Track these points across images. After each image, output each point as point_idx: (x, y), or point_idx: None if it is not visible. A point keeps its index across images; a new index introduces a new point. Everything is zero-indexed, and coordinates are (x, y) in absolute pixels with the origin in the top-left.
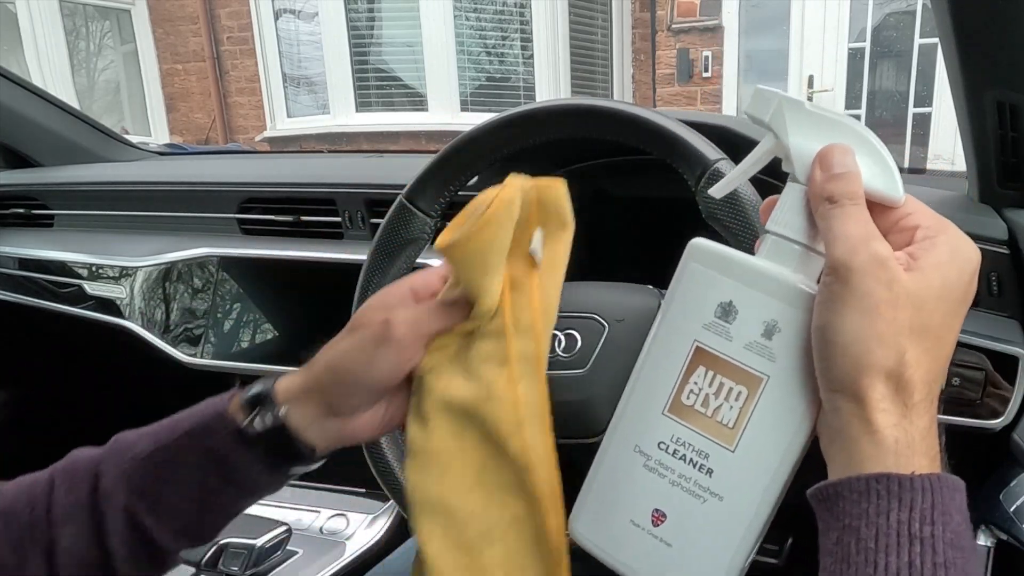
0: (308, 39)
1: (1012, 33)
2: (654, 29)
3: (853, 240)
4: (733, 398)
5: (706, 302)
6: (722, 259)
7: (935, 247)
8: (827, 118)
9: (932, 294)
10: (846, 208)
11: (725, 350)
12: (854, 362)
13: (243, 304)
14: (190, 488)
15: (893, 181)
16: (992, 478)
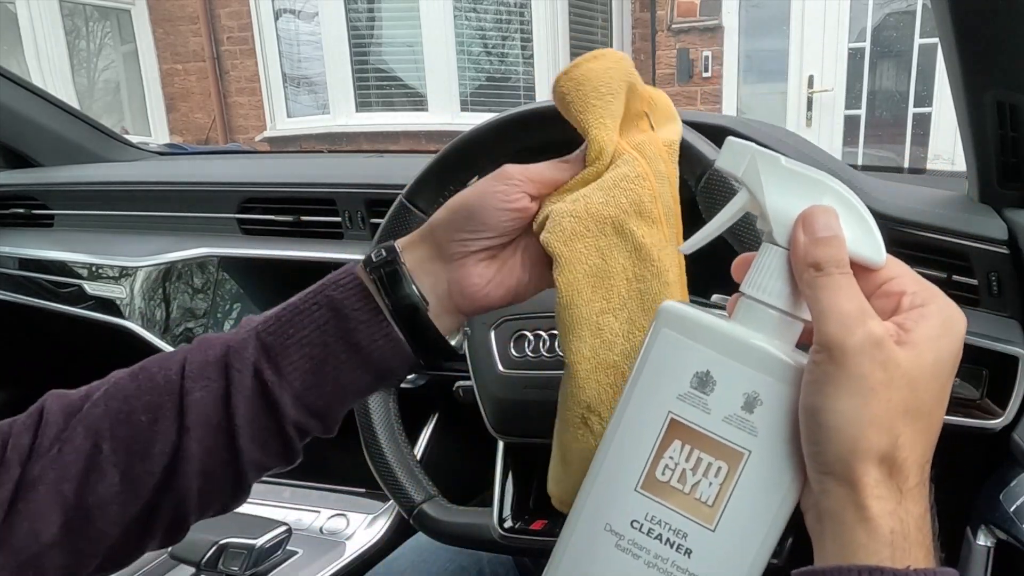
0: (308, 39)
1: (1012, 33)
2: (654, 29)
3: (846, 318)
4: (712, 474)
5: (681, 371)
6: (697, 325)
7: (926, 319)
8: (806, 176)
9: (926, 372)
10: (834, 278)
11: (703, 423)
12: (847, 446)
13: (243, 304)
14: (311, 344)
15: (876, 244)
16: (992, 478)
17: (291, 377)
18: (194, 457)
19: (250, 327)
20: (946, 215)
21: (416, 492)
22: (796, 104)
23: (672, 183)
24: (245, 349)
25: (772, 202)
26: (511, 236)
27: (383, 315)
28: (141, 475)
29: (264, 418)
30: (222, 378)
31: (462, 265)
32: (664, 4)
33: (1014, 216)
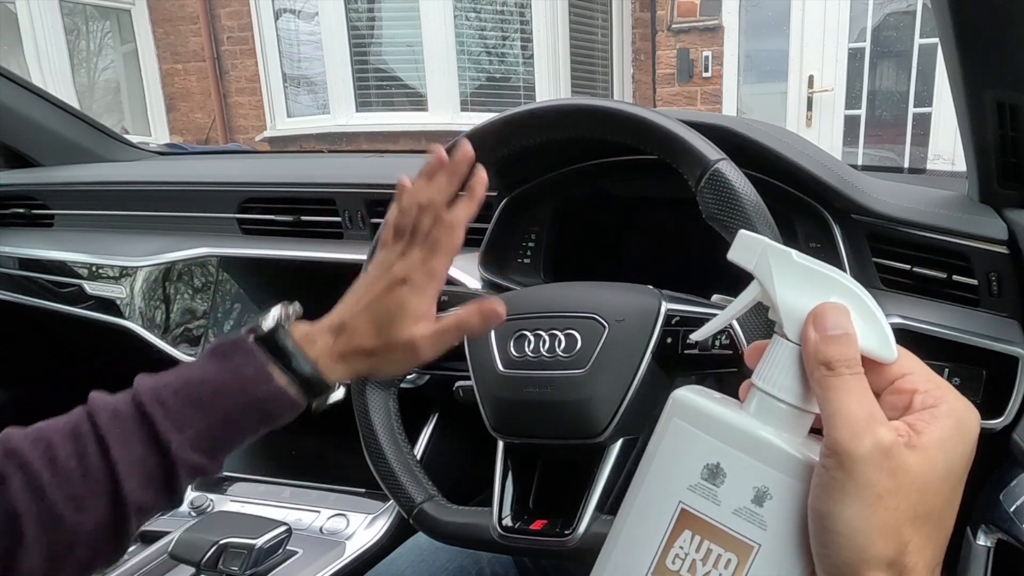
0: (308, 39)
1: (1012, 33)
2: (654, 29)
3: (855, 424)
4: (722, 565)
5: (692, 462)
6: (708, 418)
7: (937, 420)
8: (817, 272)
9: (936, 476)
10: (844, 379)
11: (713, 514)
12: (855, 554)
13: (243, 304)
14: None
15: (886, 340)
16: (992, 478)
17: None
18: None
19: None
20: (946, 215)
21: (416, 492)
22: (796, 104)
23: None
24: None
25: (783, 297)
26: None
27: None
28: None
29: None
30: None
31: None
32: (664, 4)
33: (1014, 216)
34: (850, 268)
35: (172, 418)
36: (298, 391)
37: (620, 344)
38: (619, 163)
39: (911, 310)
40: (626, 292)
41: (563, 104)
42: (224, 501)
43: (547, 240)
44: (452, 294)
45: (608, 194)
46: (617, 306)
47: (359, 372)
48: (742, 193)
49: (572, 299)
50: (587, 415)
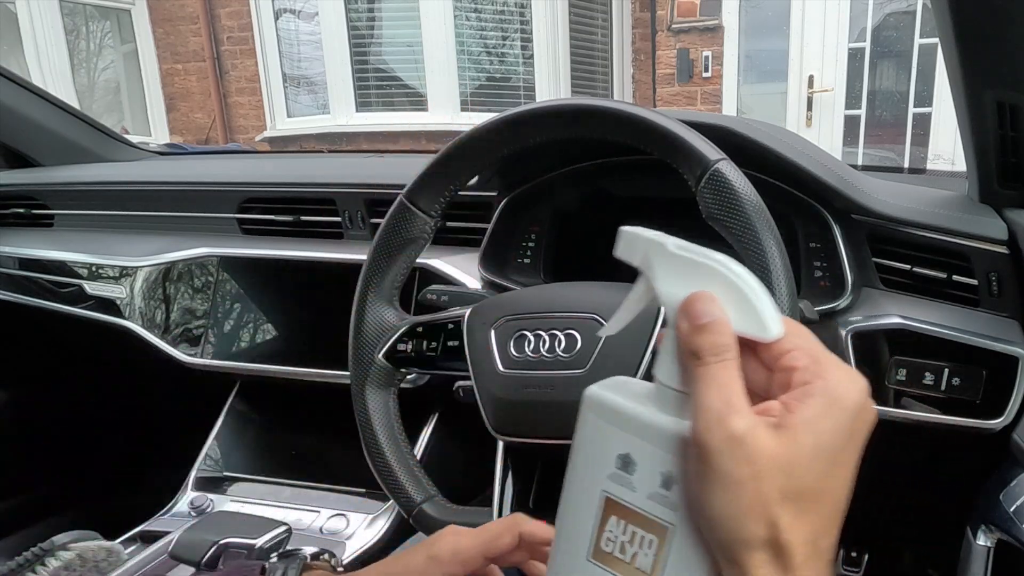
0: (308, 39)
1: (1012, 33)
2: (654, 29)
3: (710, 415)
4: (646, 546)
5: (606, 454)
6: (614, 412)
7: (807, 398)
8: (692, 260)
9: (804, 454)
10: (709, 368)
11: (631, 500)
12: (728, 536)
13: (243, 304)
14: None
15: (761, 320)
16: (992, 478)
17: None
18: None
19: None
20: (946, 215)
21: (416, 492)
22: (796, 104)
23: None
24: None
25: (664, 289)
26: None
27: None
28: None
29: None
30: None
31: None
32: (664, 4)
33: (1014, 216)
34: (850, 268)
35: None
36: None
37: (620, 344)
38: (619, 163)
39: (911, 310)
40: (626, 292)
41: (563, 104)
42: (224, 501)
43: (547, 240)
44: (452, 294)
45: (608, 194)
46: (617, 306)
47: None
48: (742, 193)
49: (572, 299)
50: None
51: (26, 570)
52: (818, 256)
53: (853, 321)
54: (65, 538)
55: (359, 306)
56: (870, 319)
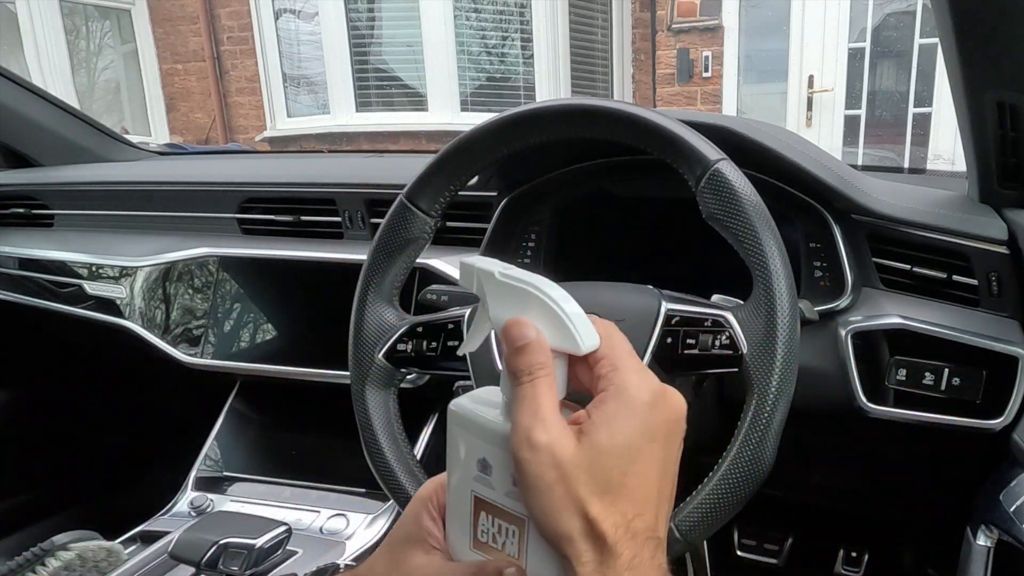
0: (308, 39)
1: (1012, 33)
2: (654, 29)
3: (518, 431)
4: (511, 535)
5: (469, 460)
6: (471, 423)
7: (602, 403)
8: (513, 286)
9: (602, 454)
10: (523, 387)
11: (493, 498)
12: (552, 530)
13: (243, 304)
14: None
15: (571, 335)
16: (992, 478)
17: None
18: None
19: None
20: (946, 215)
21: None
22: (796, 104)
23: None
24: None
25: (492, 313)
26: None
27: None
28: None
29: None
30: None
31: None
32: (664, 4)
33: (1014, 216)
34: (850, 268)
35: None
36: None
37: None
38: (619, 163)
39: (911, 310)
40: (626, 292)
41: (563, 104)
42: (224, 501)
43: (547, 240)
44: (452, 294)
45: (608, 194)
46: (617, 306)
47: None
48: (742, 193)
49: None
50: None
51: (26, 570)
52: (818, 256)
53: (853, 321)
54: (65, 538)
55: (359, 306)
56: (870, 319)
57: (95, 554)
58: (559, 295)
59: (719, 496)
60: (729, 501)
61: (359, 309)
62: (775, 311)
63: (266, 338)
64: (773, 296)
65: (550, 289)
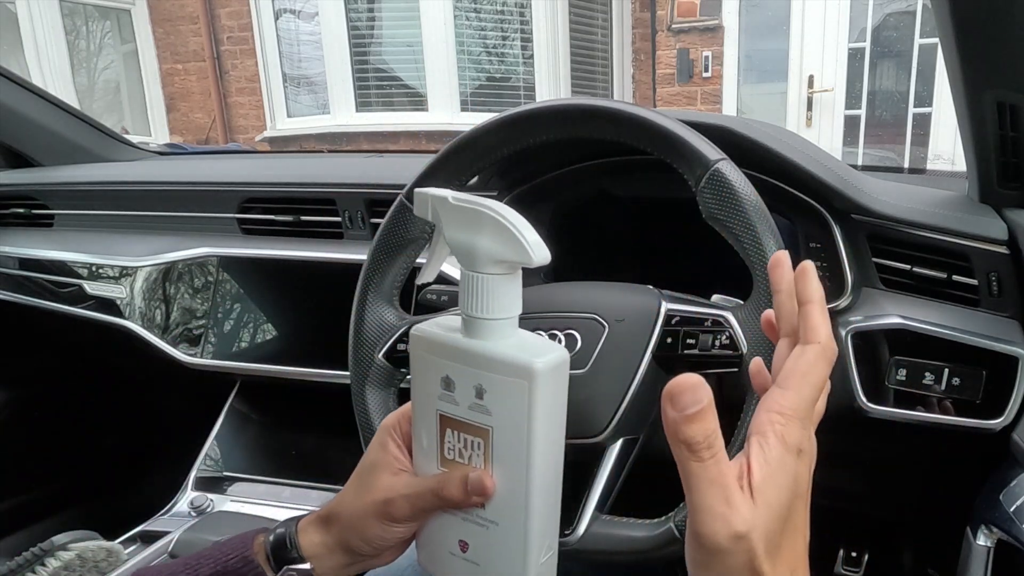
0: (308, 39)
1: (1012, 33)
2: (654, 29)
3: (715, 520)
4: (476, 448)
5: (433, 379)
6: (432, 343)
7: (767, 453)
8: (467, 208)
9: (772, 512)
10: (705, 466)
11: (457, 413)
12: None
13: (243, 304)
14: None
15: (524, 249)
16: (992, 478)
17: None
18: None
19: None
20: (946, 215)
21: None
22: (796, 104)
23: None
24: None
25: (450, 236)
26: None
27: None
28: None
29: None
30: None
31: (377, 557)
32: (664, 4)
33: (1014, 216)
34: (850, 268)
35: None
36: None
37: (620, 344)
38: (619, 163)
39: (911, 310)
40: (626, 292)
41: (563, 104)
42: (224, 501)
43: (547, 240)
44: (452, 294)
45: (608, 194)
46: (617, 306)
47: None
48: (742, 193)
49: (572, 299)
50: (587, 415)
51: (26, 570)
52: (818, 256)
53: (853, 321)
54: (65, 538)
55: (359, 306)
56: (870, 319)
57: (95, 554)
58: (510, 214)
59: None
60: None
61: (359, 309)
62: None
63: (266, 338)
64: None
65: (500, 208)
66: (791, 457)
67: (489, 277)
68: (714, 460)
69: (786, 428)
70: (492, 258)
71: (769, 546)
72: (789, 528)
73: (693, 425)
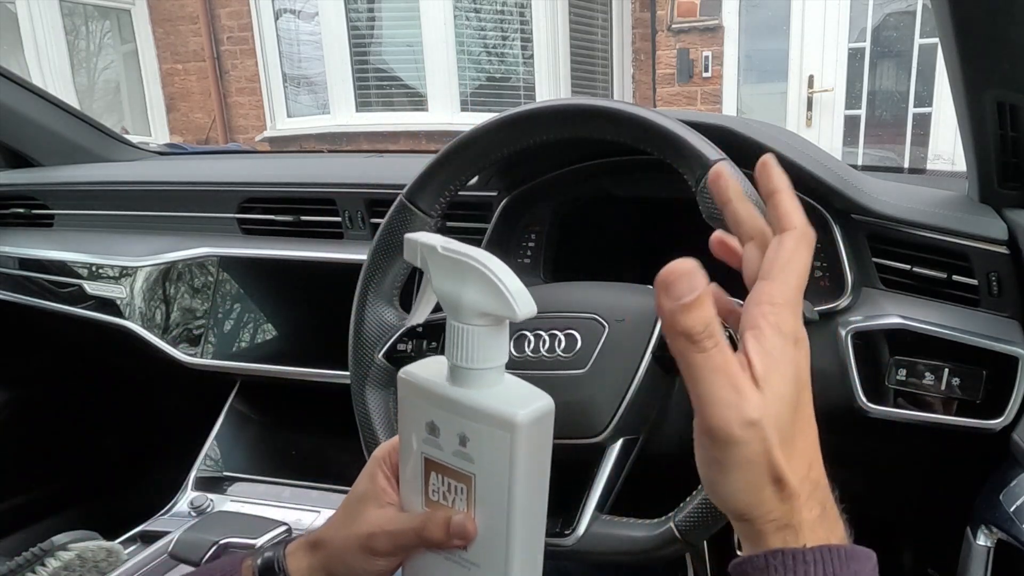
0: (308, 39)
1: (1012, 33)
2: (654, 29)
3: (726, 408)
4: (459, 492)
5: (419, 423)
6: (419, 389)
7: (765, 343)
8: (454, 259)
9: (780, 402)
10: (710, 356)
11: (442, 458)
12: (743, 506)
13: (243, 304)
14: None
15: (509, 304)
16: (992, 478)
17: None
18: None
19: None
20: (946, 215)
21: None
22: (796, 104)
23: None
24: None
25: (439, 287)
26: None
27: None
28: None
29: None
30: None
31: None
32: (664, 4)
33: (1014, 216)
34: (850, 268)
35: None
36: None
37: (620, 344)
38: (619, 163)
39: (911, 310)
40: (626, 292)
41: (563, 104)
42: (224, 501)
43: (547, 240)
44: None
45: (608, 194)
46: (617, 306)
47: None
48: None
49: (572, 299)
50: (587, 415)
51: (26, 570)
52: (818, 256)
53: (853, 321)
54: (65, 538)
55: (359, 306)
56: (870, 319)
57: (95, 554)
58: (497, 266)
59: None
60: None
61: (359, 309)
62: None
63: (266, 338)
64: None
65: (488, 260)
66: (790, 345)
67: (474, 328)
68: (717, 348)
69: (779, 317)
70: (477, 310)
71: (783, 437)
72: (799, 420)
73: (691, 313)
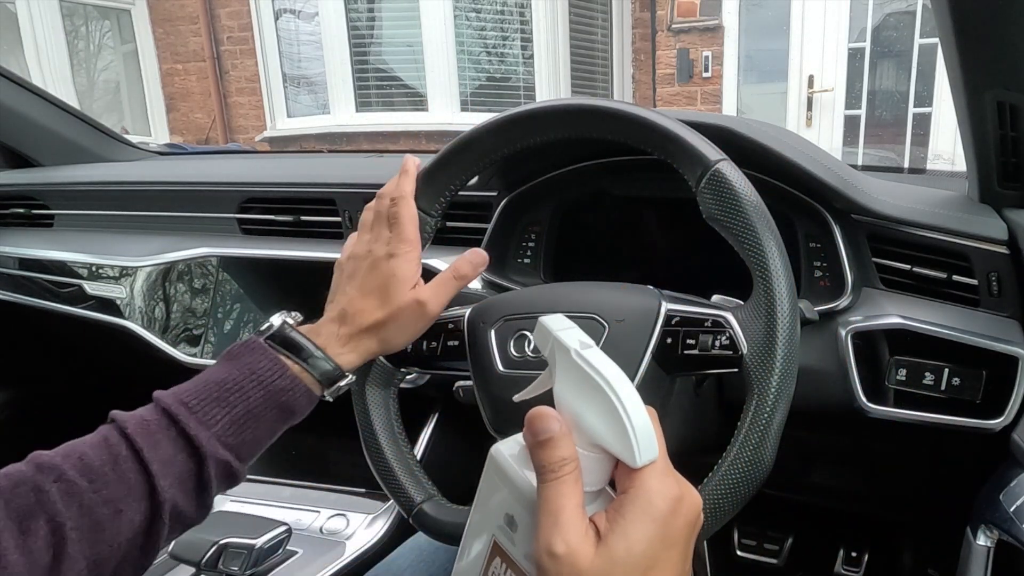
0: (308, 39)
1: (1012, 33)
2: (654, 29)
3: (540, 537)
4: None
5: (498, 509)
6: (507, 477)
7: (623, 509)
8: (585, 372)
9: (619, 563)
10: (547, 486)
11: (512, 552)
12: None
13: (243, 304)
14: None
15: (629, 447)
16: (992, 478)
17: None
18: None
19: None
20: (946, 215)
21: (416, 492)
22: (796, 104)
23: None
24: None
25: (558, 390)
26: None
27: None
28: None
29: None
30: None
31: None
32: (664, 4)
33: (1014, 216)
34: (850, 268)
35: (197, 417)
36: (312, 380)
37: (620, 344)
38: (619, 163)
39: (911, 310)
40: (626, 292)
41: (563, 104)
42: (224, 501)
43: (547, 240)
44: None
45: (608, 194)
46: (617, 306)
47: (370, 352)
48: (742, 193)
49: (572, 299)
50: None
51: None
52: (818, 256)
53: (853, 321)
54: None
55: None
56: (870, 319)
57: None
58: (630, 400)
59: (719, 497)
60: (729, 502)
61: None
62: (775, 311)
63: None
64: (773, 296)
65: (621, 389)
66: (652, 522)
67: (583, 454)
68: (556, 483)
69: (646, 481)
70: (593, 440)
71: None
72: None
73: (541, 451)
